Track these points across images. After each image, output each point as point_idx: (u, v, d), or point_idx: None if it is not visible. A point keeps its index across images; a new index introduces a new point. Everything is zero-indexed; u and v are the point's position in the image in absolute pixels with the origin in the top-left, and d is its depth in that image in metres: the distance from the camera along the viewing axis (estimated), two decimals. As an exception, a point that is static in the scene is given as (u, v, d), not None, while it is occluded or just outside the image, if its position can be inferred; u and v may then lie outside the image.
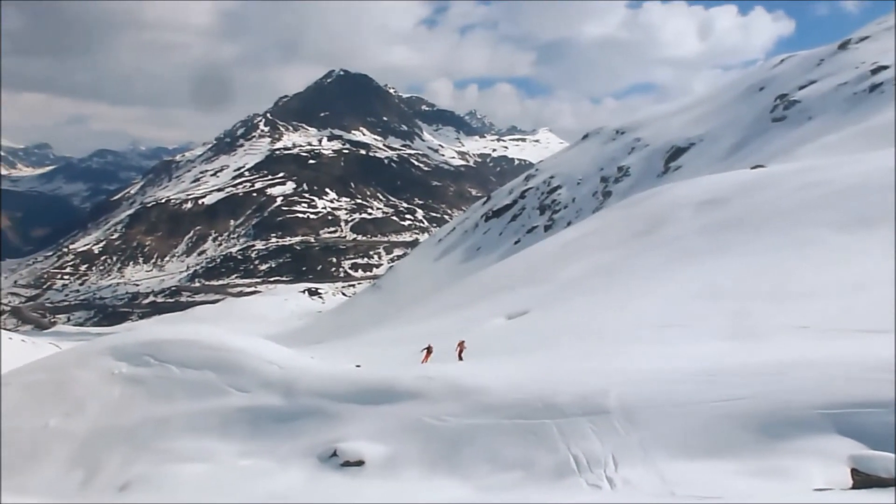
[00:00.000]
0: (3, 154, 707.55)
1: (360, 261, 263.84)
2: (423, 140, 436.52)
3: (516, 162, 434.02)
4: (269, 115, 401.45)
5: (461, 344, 21.67)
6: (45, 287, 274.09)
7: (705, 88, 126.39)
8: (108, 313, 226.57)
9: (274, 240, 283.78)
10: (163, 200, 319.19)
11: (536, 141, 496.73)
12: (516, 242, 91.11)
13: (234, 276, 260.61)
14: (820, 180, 32.15)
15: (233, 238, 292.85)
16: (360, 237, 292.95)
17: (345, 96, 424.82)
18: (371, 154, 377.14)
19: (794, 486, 9.38)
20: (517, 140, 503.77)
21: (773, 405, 11.13)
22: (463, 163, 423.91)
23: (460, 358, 21.09)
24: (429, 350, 22.01)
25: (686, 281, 25.72)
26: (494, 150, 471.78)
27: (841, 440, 10.11)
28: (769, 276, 23.03)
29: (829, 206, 28.16)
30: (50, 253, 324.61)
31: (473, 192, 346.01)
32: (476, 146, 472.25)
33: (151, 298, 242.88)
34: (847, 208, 26.93)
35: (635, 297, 25.81)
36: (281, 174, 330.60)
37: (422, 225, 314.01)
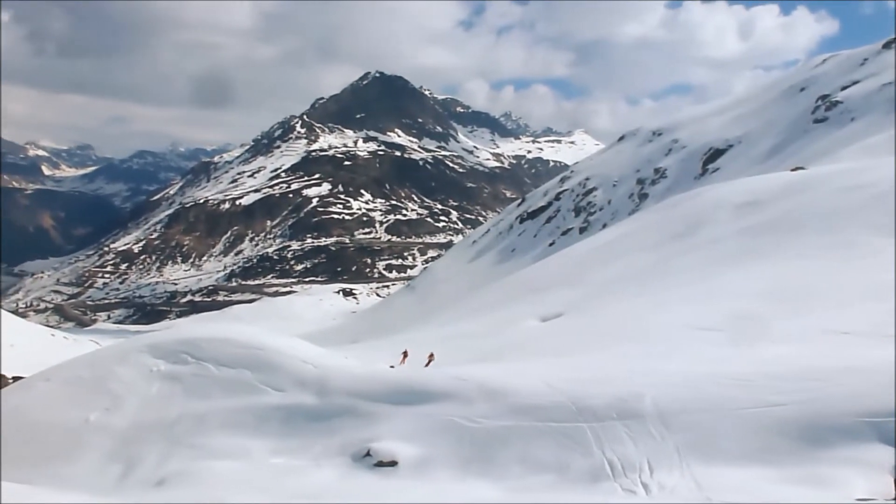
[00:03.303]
0: (46, 155, 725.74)
1: (394, 262, 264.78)
2: (458, 141, 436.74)
3: (551, 163, 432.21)
4: (305, 116, 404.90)
5: (430, 356, 22.81)
6: (86, 285, 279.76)
7: (745, 89, 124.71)
8: (147, 311, 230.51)
9: (309, 240, 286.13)
10: (201, 201, 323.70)
11: (572, 142, 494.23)
12: (551, 244, 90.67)
13: (270, 276, 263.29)
14: (863, 183, 31.47)
15: (269, 238, 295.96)
16: (394, 238, 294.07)
17: (381, 98, 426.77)
18: (406, 155, 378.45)
19: (834, 494, 9.19)
20: (552, 141, 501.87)
21: (814, 412, 10.93)
22: (497, 164, 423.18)
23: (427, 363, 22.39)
24: (405, 354, 22.91)
25: (725, 284, 25.35)
26: (529, 151, 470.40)
27: (883, 449, 9.89)
28: (810, 279, 22.61)
29: (873, 209, 27.53)
30: (91, 252, 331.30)
31: (508, 194, 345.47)
32: (511, 148, 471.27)
33: (189, 297, 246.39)
34: (890, 211, 26.30)
35: (673, 299, 25.52)
36: (317, 175, 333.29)
37: (456, 226, 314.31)
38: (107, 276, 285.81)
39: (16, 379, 37.08)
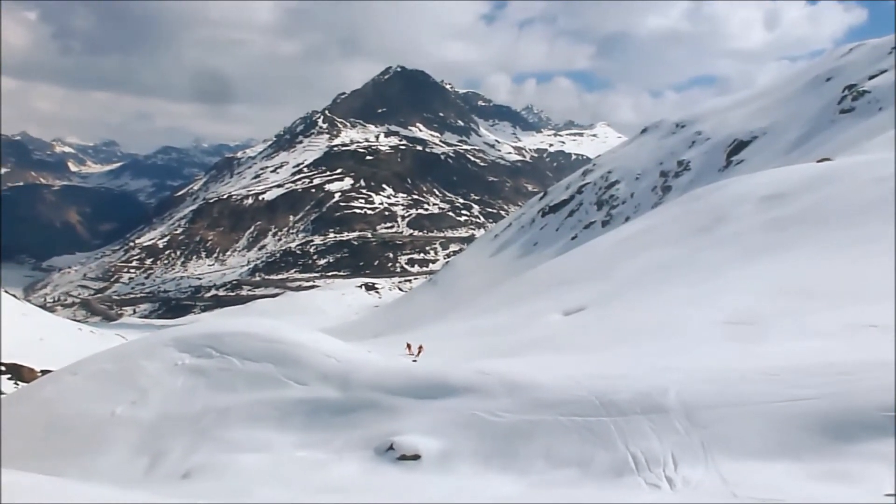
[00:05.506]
0: (73, 151, 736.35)
1: (416, 256, 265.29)
2: (480, 135, 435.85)
3: (573, 157, 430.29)
4: (327, 111, 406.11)
5: (420, 347, 23.17)
6: (112, 280, 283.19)
7: (770, 80, 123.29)
8: (172, 306, 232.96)
9: (332, 235, 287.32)
10: (224, 196, 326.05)
11: (594, 135, 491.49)
12: (573, 238, 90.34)
13: (293, 271, 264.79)
14: (890, 174, 30.96)
15: (292, 233, 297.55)
16: (416, 232, 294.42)
17: (402, 92, 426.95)
18: (428, 150, 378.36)
19: (861, 490, 9.08)
20: (574, 135, 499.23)
21: (840, 406, 10.79)
22: (519, 158, 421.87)
23: (417, 354, 22.81)
24: (409, 346, 23.29)
25: (749, 278, 25.09)
26: (551, 144, 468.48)
27: (912, 444, 9.74)
28: (835, 273, 22.31)
29: (901, 201, 27.03)
30: (117, 247, 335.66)
31: (530, 188, 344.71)
32: (533, 141, 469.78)
33: (213, 292, 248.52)
34: (920, 203, 25.83)
35: (696, 294, 25.31)
36: (339, 170, 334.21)
37: (478, 220, 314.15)
38: (132, 270, 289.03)
39: (44, 372, 37.75)
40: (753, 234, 31.74)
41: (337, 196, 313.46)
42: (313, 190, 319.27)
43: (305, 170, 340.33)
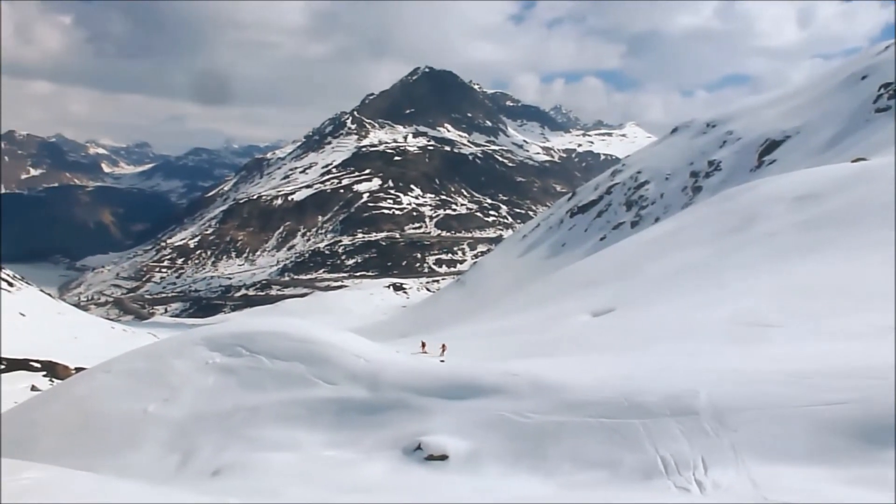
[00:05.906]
0: (106, 153, 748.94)
1: (444, 256, 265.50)
2: (508, 136, 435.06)
3: (602, 157, 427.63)
4: (356, 112, 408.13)
5: (443, 346, 23.57)
6: (144, 279, 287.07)
7: (804, 78, 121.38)
8: (203, 305, 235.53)
9: (360, 235, 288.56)
10: (254, 197, 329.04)
11: (623, 135, 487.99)
12: (602, 239, 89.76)
13: (321, 271, 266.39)
14: (928, 174, 30.38)
15: (321, 233, 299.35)
16: (444, 233, 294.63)
17: (430, 93, 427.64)
18: (456, 150, 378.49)
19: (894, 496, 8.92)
20: (603, 135, 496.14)
21: (875, 411, 10.61)
22: (548, 158, 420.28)
23: (441, 353, 23.12)
24: (424, 345, 23.36)
25: (781, 279, 24.78)
26: (580, 145, 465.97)
27: (947, 449, 9.55)
28: (869, 274, 21.94)
29: (938, 201, 26.56)
30: (149, 247, 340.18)
31: (558, 188, 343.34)
32: (561, 141, 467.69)
33: (243, 291, 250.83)
34: (958, 204, 25.35)
35: (727, 295, 25.04)
36: (367, 171, 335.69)
37: (506, 221, 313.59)
38: (164, 270, 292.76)
39: (78, 370, 38.40)
40: (785, 234, 31.33)
41: (365, 196, 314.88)
42: (342, 190, 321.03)
43: (334, 170, 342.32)
